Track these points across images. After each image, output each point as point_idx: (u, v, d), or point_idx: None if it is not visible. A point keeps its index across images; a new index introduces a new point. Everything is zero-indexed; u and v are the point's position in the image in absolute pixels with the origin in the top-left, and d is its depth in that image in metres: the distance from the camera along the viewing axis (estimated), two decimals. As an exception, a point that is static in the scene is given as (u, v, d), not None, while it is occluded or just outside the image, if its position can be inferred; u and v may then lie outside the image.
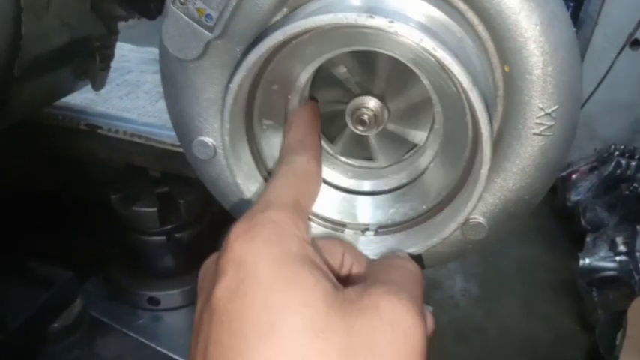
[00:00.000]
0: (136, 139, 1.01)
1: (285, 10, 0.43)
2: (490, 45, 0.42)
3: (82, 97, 1.13)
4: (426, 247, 0.45)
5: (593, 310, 1.43)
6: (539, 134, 0.44)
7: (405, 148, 0.51)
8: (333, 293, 0.33)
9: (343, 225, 0.49)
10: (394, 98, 0.48)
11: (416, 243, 0.45)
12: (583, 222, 1.67)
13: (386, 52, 0.42)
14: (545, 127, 0.44)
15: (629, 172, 1.72)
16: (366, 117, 0.46)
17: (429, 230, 0.45)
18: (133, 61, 1.38)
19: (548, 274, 1.67)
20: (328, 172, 0.51)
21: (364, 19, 0.35)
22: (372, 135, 0.49)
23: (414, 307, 0.33)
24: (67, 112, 1.09)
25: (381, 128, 0.47)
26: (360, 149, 0.51)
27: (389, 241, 0.46)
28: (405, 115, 0.49)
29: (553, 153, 0.45)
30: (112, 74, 1.26)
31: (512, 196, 0.47)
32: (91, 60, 0.83)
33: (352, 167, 0.52)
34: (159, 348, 1.06)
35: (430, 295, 1.56)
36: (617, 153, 1.73)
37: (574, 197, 1.76)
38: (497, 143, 0.44)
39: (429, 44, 0.35)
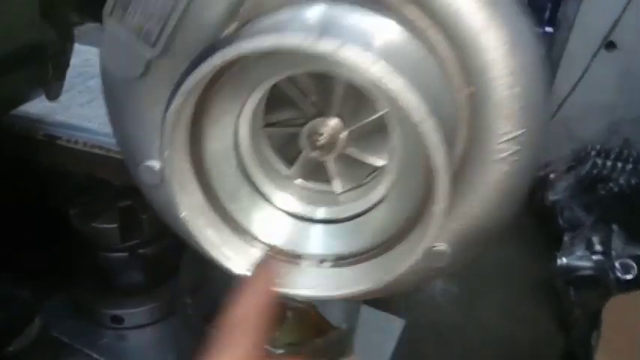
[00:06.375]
0: (97, 151, 0.96)
1: (236, 23, 0.39)
2: (453, 65, 0.39)
3: (40, 105, 1.07)
4: (384, 282, 0.42)
5: (571, 310, 1.42)
6: (504, 159, 0.42)
7: (365, 171, 0.48)
8: None
9: (298, 256, 0.45)
10: (353, 120, 0.44)
11: (375, 278, 0.42)
12: (561, 221, 1.66)
13: (340, 76, 0.39)
14: (511, 152, 0.41)
15: (605, 172, 1.71)
16: (322, 141, 0.43)
17: (389, 263, 0.42)
18: (97, 66, 1.31)
19: (526, 273, 1.67)
20: (282, 197, 0.48)
21: (310, 43, 0.32)
22: (330, 159, 0.45)
23: None
24: (24, 121, 1.03)
25: (337, 153, 0.44)
26: (318, 172, 0.48)
27: (346, 275, 0.43)
28: (365, 138, 0.45)
29: (518, 179, 0.43)
30: (74, 80, 1.20)
31: (476, 223, 0.44)
32: (43, 69, 0.78)
33: (307, 192, 0.48)
34: (123, 368, 1.02)
35: (411, 296, 1.55)
36: (593, 153, 1.72)
37: (552, 197, 1.75)
38: (461, 168, 0.42)
39: (376, 74, 0.32)
